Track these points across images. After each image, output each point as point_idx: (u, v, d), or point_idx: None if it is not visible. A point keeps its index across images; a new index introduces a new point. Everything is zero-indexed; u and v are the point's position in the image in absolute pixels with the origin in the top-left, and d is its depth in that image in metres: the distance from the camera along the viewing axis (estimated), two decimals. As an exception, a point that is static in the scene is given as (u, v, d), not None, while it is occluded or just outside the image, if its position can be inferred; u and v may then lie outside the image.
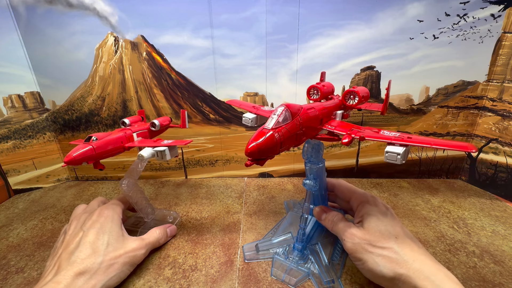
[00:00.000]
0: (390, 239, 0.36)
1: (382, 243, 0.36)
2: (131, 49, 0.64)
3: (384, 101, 0.44)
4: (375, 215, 0.39)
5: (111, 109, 0.69)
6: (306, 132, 0.34)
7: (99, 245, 0.39)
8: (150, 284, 0.41)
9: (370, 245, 0.36)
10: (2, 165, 0.66)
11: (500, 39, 0.60)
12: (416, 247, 0.35)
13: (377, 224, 0.38)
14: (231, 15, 0.61)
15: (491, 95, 0.65)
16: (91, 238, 0.39)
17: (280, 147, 0.30)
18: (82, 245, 0.38)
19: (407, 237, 0.37)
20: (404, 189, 0.68)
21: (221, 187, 0.71)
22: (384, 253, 0.35)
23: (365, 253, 0.36)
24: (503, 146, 0.64)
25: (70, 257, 0.37)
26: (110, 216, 0.44)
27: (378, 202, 0.43)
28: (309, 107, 0.36)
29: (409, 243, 0.36)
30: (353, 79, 0.65)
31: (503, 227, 0.53)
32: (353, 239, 0.38)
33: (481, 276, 0.41)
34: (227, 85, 0.67)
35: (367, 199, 0.43)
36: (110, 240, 0.40)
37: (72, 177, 0.77)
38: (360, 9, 0.60)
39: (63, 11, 0.60)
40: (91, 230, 0.40)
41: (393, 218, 0.40)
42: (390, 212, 0.41)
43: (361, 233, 0.38)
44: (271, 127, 0.30)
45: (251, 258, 0.46)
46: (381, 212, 0.40)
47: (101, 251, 0.38)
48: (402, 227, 0.39)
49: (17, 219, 0.59)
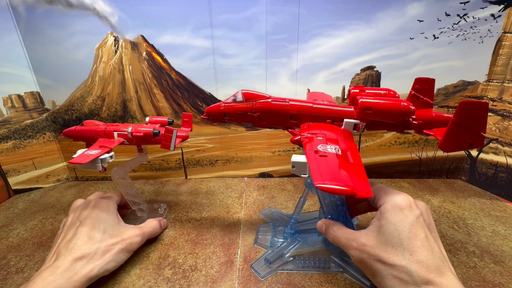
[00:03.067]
0: (403, 255, 0.30)
1: (394, 260, 0.30)
2: (131, 49, 0.64)
3: (447, 129, 0.36)
4: (394, 224, 0.32)
5: (111, 109, 0.69)
6: (262, 118, 0.41)
7: (95, 233, 0.41)
8: (150, 284, 0.41)
9: (379, 261, 0.31)
10: (2, 165, 0.66)
11: (500, 39, 0.60)
12: (434, 268, 0.29)
13: (393, 235, 0.31)
14: (231, 15, 0.61)
15: (491, 95, 0.65)
16: (87, 227, 0.41)
17: (224, 116, 0.42)
18: (79, 234, 0.40)
19: (430, 252, 0.30)
20: (404, 189, 0.68)
21: (221, 187, 0.71)
22: (394, 273, 0.30)
23: (374, 271, 0.32)
24: (503, 146, 0.64)
25: (68, 244, 0.38)
26: (105, 207, 0.45)
27: (404, 205, 0.33)
28: (282, 101, 0.41)
29: (427, 263, 0.29)
30: (353, 79, 0.65)
31: (503, 227, 0.53)
32: (361, 254, 0.33)
33: (481, 276, 0.41)
34: (227, 85, 0.67)
35: (393, 198, 0.34)
36: (106, 228, 0.42)
37: (72, 177, 0.77)
38: (360, 9, 0.60)
39: (63, 11, 0.60)
40: (87, 220, 0.42)
41: (415, 227, 0.32)
42: (418, 218, 0.33)
43: (372, 245, 0.32)
44: (223, 101, 0.42)
45: (266, 275, 0.42)
46: (403, 220, 0.32)
47: (97, 238, 0.40)
48: (423, 238, 0.31)
49: (17, 219, 0.59)
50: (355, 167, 0.32)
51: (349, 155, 0.34)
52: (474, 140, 0.35)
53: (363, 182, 0.30)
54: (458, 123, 0.34)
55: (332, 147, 0.34)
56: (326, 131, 0.38)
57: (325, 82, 0.65)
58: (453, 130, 0.35)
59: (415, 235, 0.31)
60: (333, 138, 0.36)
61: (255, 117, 0.41)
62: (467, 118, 0.33)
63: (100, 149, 0.45)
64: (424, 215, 0.34)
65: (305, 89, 0.66)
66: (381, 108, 0.37)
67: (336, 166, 0.31)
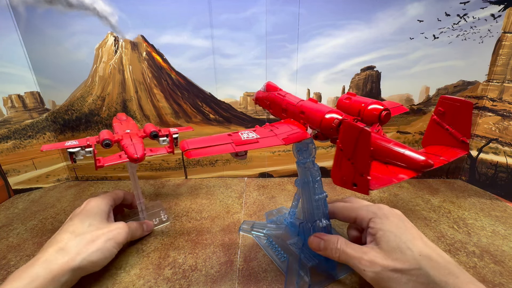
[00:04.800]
0: (413, 257, 0.31)
1: (408, 265, 0.31)
2: (131, 49, 0.64)
3: None
4: (391, 231, 0.34)
5: (111, 109, 0.69)
6: (271, 106, 0.46)
7: (79, 226, 0.41)
8: (150, 284, 0.41)
9: (394, 271, 0.31)
10: (2, 165, 0.66)
11: (500, 39, 0.60)
12: (444, 263, 0.31)
13: (395, 242, 0.32)
14: (231, 15, 0.61)
15: (491, 95, 0.65)
16: (74, 222, 0.42)
17: (261, 101, 0.50)
18: (64, 229, 0.41)
19: (428, 247, 0.32)
20: (404, 189, 0.68)
21: (221, 187, 0.71)
22: (413, 278, 0.30)
23: (392, 282, 0.31)
24: (503, 146, 0.64)
25: (52, 240, 0.39)
26: (96, 206, 0.45)
27: (387, 213, 0.36)
28: (283, 95, 0.43)
29: (436, 259, 0.31)
30: (353, 79, 0.65)
31: (503, 227, 0.53)
32: (374, 268, 0.32)
33: (481, 276, 0.41)
34: (227, 85, 0.67)
35: (375, 213, 0.37)
36: (93, 222, 0.42)
37: (72, 177, 0.77)
38: (360, 9, 0.60)
39: (63, 11, 0.60)
40: (76, 217, 0.43)
41: (409, 229, 0.34)
42: (403, 222, 0.36)
43: (381, 257, 0.32)
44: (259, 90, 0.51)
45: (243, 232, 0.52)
46: (395, 225, 0.34)
47: (81, 230, 0.40)
48: (421, 237, 0.34)
49: (17, 219, 0.59)
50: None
51: None
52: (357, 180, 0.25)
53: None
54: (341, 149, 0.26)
55: None
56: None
57: (325, 82, 0.65)
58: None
59: (414, 237, 0.33)
60: None
61: (267, 105, 0.47)
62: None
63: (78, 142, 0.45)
64: (406, 220, 0.37)
65: (305, 89, 0.66)
66: (309, 112, 0.35)
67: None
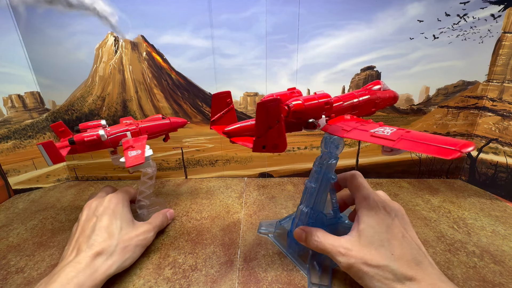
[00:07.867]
0: (385, 256, 0.32)
1: (377, 261, 0.32)
2: (131, 49, 0.64)
3: None
4: (372, 226, 0.34)
5: (111, 109, 0.69)
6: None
7: (113, 229, 0.42)
8: (150, 284, 0.41)
9: (365, 264, 0.32)
10: (2, 165, 0.66)
11: (500, 39, 0.60)
12: (414, 264, 0.31)
13: (374, 238, 0.33)
14: (231, 15, 0.61)
15: (491, 95, 0.65)
16: (105, 223, 0.42)
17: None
18: (98, 230, 0.41)
19: (408, 250, 0.32)
20: (404, 189, 0.68)
21: (221, 187, 0.71)
22: (380, 273, 0.31)
23: (362, 274, 0.33)
24: (503, 146, 0.64)
25: (88, 240, 0.39)
26: (121, 202, 0.46)
27: (379, 206, 0.36)
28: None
29: (407, 260, 0.31)
30: (353, 79, 0.65)
31: (503, 227, 0.53)
32: (348, 258, 0.34)
33: (481, 276, 0.41)
34: (227, 85, 0.67)
35: (368, 202, 0.37)
36: (122, 224, 0.43)
37: (72, 177, 0.77)
38: (360, 9, 0.60)
39: (63, 11, 0.60)
40: (104, 216, 0.43)
41: (393, 228, 0.34)
42: (393, 220, 0.35)
43: (357, 250, 0.33)
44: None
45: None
46: (380, 219, 0.35)
47: (116, 235, 0.41)
48: (402, 236, 0.33)
49: (17, 219, 0.59)
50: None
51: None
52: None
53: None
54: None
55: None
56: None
57: (325, 82, 0.65)
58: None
59: (393, 236, 0.34)
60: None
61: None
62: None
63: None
64: (398, 216, 0.36)
65: (305, 89, 0.66)
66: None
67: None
